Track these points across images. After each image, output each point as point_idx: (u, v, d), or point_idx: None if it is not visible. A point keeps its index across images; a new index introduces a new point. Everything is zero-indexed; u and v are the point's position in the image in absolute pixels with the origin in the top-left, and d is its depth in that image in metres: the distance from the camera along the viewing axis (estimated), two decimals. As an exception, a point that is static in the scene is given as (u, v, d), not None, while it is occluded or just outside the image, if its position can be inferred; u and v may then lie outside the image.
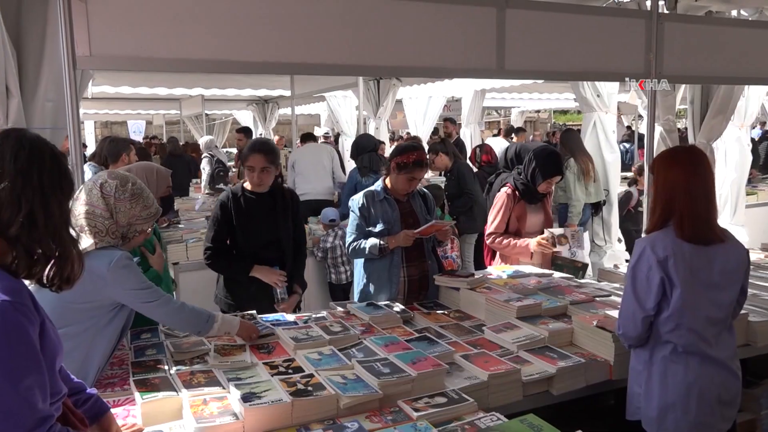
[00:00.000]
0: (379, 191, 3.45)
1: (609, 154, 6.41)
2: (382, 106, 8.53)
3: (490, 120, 23.88)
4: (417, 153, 3.37)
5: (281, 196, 3.37)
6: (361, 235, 3.41)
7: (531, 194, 3.75)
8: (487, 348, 2.49)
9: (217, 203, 3.39)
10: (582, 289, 3.13)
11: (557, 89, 11.77)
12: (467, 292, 3.09)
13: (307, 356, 2.34)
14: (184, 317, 2.29)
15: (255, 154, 3.24)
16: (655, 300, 2.17)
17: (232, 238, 3.32)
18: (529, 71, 3.75)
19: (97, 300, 2.12)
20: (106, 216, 2.21)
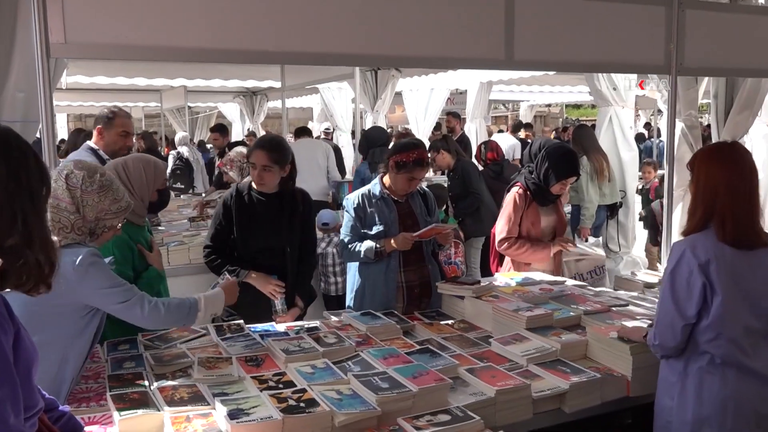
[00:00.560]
0: (376, 190, 3.45)
1: (626, 152, 6.43)
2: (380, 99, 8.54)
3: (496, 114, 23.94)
4: (418, 151, 3.38)
5: (290, 199, 3.36)
6: (355, 237, 3.42)
7: (543, 195, 3.76)
8: (495, 361, 2.50)
9: (220, 200, 3.41)
10: (597, 298, 3.14)
11: (570, 82, 11.80)
12: (473, 301, 3.10)
13: (299, 370, 2.34)
14: (164, 315, 2.28)
15: (257, 151, 3.27)
16: (696, 307, 2.18)
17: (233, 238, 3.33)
18: (539, 62, 3.77)
19: (64, 305, 2.10)
20: (71, 210, 2.19)
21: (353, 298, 3.48)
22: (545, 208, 3.84)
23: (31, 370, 1.42)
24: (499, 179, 6.22)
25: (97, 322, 2.24)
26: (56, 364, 2.12)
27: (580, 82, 10.80)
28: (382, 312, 3.11)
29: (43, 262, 1.34)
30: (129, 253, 2.83)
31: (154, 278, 2.86)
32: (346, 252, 3.46)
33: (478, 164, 6.56)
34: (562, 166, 3.69)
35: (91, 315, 2.20)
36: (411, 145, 3.46)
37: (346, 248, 3.45)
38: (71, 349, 2.17)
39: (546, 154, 3.71)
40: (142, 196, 2.90)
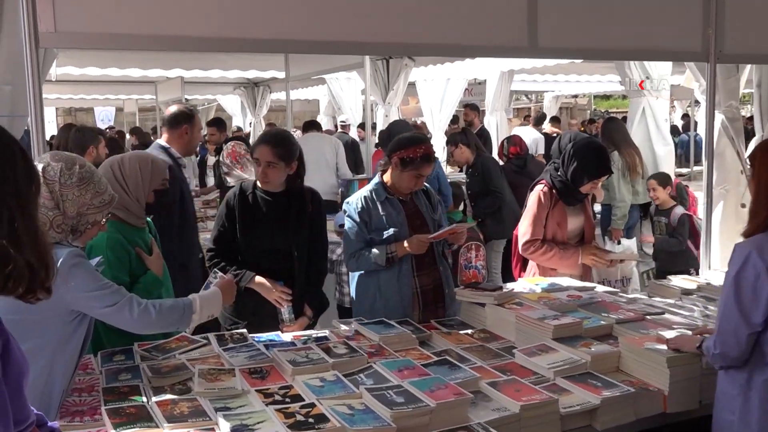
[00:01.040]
0: (379, 191, 3.44)
1: (661, 147, 6.41)
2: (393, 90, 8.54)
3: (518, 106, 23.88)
4: (424, 146, 3.38)
5: (298, 198, 3.36)
6: (361, 244, 3.40)
7: (571, 194, 3.74)
8: (519, 374, 2.49)
9: (224, 199, 3.43)
10: (630, 305, 3.13)
11: (598, 70, 11.76)
12: (494, 309, 3.09)
13: (308, 383, 2.35)
14: (155, 318, 2.28)
15: (261, 146, 3.27)
16: (763, 314, 2.17)
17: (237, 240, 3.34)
18: (566, 49, 3.77)
19: (47, 310, 2.08)
20: (50, 206, 2.19)
21: (362, 311, 3.42)
22: (572, 208, 3.83)
23: (22, 383, 1.43)
24: (521, 173, 6.22)
25: (84, 329, 2.26)
26: (43, 375, 2.13)
27: (610, 70, 10.77)
28: (396, 320, 3.11)
29: (36, 265, 1.34)
30: (125, 256, 2.85)
31: (151, 283, 2.87)
32: (353, 261, 3.43)
33: (500, 160, 6.55)
34: (593, 163, 3.67)
35: (77, 321, 2.22)
36: (416, 139, 3.45)
37: (352, 257, 3.42)
38: (58, 358, 2.18)
39: (574, 151, 3.69)
40: (138, 197, 2.91)
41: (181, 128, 4.16)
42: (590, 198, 4.04)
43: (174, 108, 4.27)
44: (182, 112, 4.22)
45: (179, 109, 4.25)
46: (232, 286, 2.67)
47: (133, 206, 2.91)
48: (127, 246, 2.86)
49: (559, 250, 3.70)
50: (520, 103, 24.69)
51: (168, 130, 4.19)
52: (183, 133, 4.16)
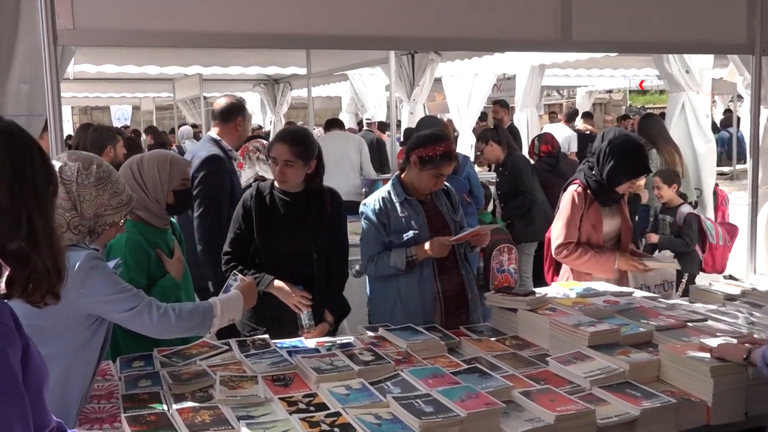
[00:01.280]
0: (398, 191, 3.43)
1: (702, 144, 6.32)
2: (418, 86, 8.56)
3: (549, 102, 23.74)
4: (444, 144, 3.37)
5: (318, 198, 3.37)
6: (380, 247, 3.40)
7: (606, 194, 3.72)
8: (553, 383, 2.48)
9: (240, 200, 3.45)
10: (670, 311, 3.10)
11: (635, 64, 11.65)
12: (527, 315, 3.08)
13: (333, 391, 2.36)
14: (175, 322, 2.31)
15: (278, 144, 3.28)
16: None
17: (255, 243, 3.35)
18: (601, 42, 3.75)
19: (65, 315, 2.12)
20: (67, 207, 2.22)
21: (380, 318, 3.39)
22: (608, 209, 3.80)
23: (42, 388, 1.46)
24: (553, 172, 6.18)
25: (103, 333, 2.29)
26: (61, 381, 2.16)
27: (647, 64, 10.67)
28: (424, 326, 3.12)
29: (50, 268, 1.37)
30: (144, 258, 2.88)
31: (169, 288, 2.90)
32: (371, 265, 3.41)
33: (531, 159, 6.52)
34: (631, 162, 3.64)
35: (96, 325, 2.25)
36: (436, 137, 3.43)
37: (370, 261, 3.41)
38: (76, 364, 2.21)
39: (611, 149, 3.66)
40: (157, 197, 2.95)
41: (234, 121, 4.25)
42: (627, 199, 4.00)
43: (224, 101, 4.34)
44: (234, 105, 4.30)
45: (231, 102, 4.32)
46: (253, 288, 2.69)
47: (153, 206, 2.94)
48: (146, 247, 2.89)
49: (594, 254, 3.67)
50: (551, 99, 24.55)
51: (220, 123, 4.26)
52: (236, 126, 4.26)
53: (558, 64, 10.73)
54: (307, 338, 3.13)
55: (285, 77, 12.02)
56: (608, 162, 3.65)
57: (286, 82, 12.29)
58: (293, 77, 11.66)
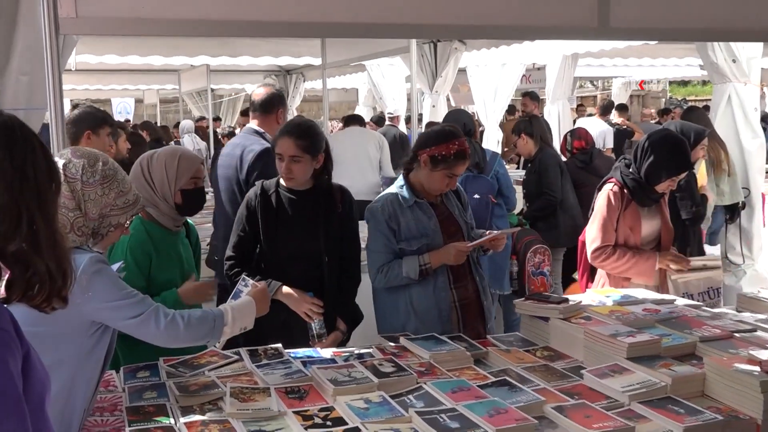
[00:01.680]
0: (406, 194, 3.40)
1: (749, 140, 6.26)
2: (441, 76, 8.57)
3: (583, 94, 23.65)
4: (458, 141, 3.34)
5: (327, 197, 3.37)
6: (390, 256, 3.36)
7: (645, 193, 3.70)
8: (588, 398, 2.47)
9: (243, 201, 3.45)
10: (716, 321, 3.07)
11: (676, 53, 11.56)
12: (559, 324, 3.07)
13: (351, 404, 2.36)
14: (183, 330, 2.32)
15: (283, 138, 3.27)
16: None
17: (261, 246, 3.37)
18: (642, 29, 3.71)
19: (67, 322, 2.14)
20: (71, 206, 2.24)
21: (391, 331, 3.35)
22: (647, 209, 3.78)
23: (44, 398, 1.47)
24: (587, 170, 6.14)
25: (107, 341, 2.31)
26: (63, 392, 2.18)
27: (689, 53, 10.58)
28: (448, 336, 3.11)
29: (54, 271, 1.38)
30: (145, 260, 2.90)
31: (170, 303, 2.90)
32: (380, 276, 3.37)
33: (563, 156, 6.49)
34: (671, 158, 3.63)
35: (99, 333, 2.27)
36: (449, 133, 3.38)
37: (379, 272, 3.37)
38: (79, 374, 2.23)
39: (650, 144, 3.65)
40: (165, 196, 2.97)
41: (276, 112, 4.32)
42: (667, 199, 3.98)
43: (262, 91, 4.39)
44: (275, 96, 4.37)
45: (271, 93, 4.38)
46: (266, 294, 2.71)
47: (162, 206, 2.97)
48: (149, 249, 2.91)
49: (633, 255, 3.65)
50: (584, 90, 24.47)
51: (260, 115, 4.31)
52: (277, 118, 4.31)
53: (592, 53, 10.67)
54: (321, 348, 3.14)
55: (298, 68, 12.08)
56: (647, 158, 3.63)
57: (299, 73, 12.35)
58: (307, 68, 11.71)
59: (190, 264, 3.22)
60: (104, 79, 13.55)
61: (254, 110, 4.38)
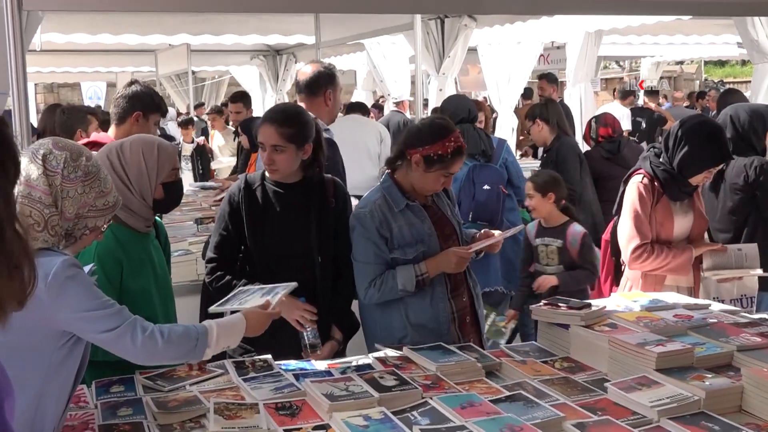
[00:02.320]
0: (396, 196, 3.38)
1: (793, 127, 6.27)
2: (448, 57, 8.54)
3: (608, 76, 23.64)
4: (454, 136, 3.32)
5: (319, 191, 3.38)
6: (382, 267, 3.34)
7: (677, 186, 3.71)
8: (614, 414, 2.48)
9: (225, 196, 3.45)
10: (755, 328, 3.08)
11: (712, 29, 11.55)
12: (581, 332, 3.08)
13: (348, 422, 2.37)
14: (161, 347, 2.31)
15: (265, 126, 3.28)
16: None
17: (245, 246, 3.38)
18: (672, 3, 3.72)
19: (36, 332, 2.14)
20: (47, 202, 2.23)
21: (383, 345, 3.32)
22: (679, 204, 3.80)
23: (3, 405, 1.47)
24: (613, 161, 6.12)
25: (79, 355, 2.31)
26: (31, 409, 2.18)
27: (726, 29, 10.57)
28: (457, 345, 3.13)
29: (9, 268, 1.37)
30: (116, 271, 2.90)
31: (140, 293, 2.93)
32: (373, 291, 3.34)
33: (586, 145, 6.50)
34: (709, 148, 3.64)
35: (71, 344, 2.26)
36: (444, 129, 3.35)
37: (371, 286, 3.34)
38: (49, 389, 2.23)
39: (684, 132, 3.66)
40: (142, 192, 2.97)
41: (323, 93, 4.19)
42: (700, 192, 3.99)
43: (309, 69, 4.29)
44: (322, 74, 4.22)
45: (318, 71, 4.25)
46: (263, 317, 2.64)
47: (136, 205, 2.96)
48: (120, 256, 2.91)
49: (670, 250, 3.68)
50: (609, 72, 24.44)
51: (306, 98, 4.20)
52: (325, 100, 4.20)
53: (618, 30, 10.66)
54: (315, 360, 3.16)
55: (289, 47, 12.07)
56: (681, 148, 3.64)
57: (291, 54, 12.33)
58: (299, 47, 11.70)
59: (163, 267, 3.21)
60: (73, 61, 13.53)
61: (299, 92, 4.29)
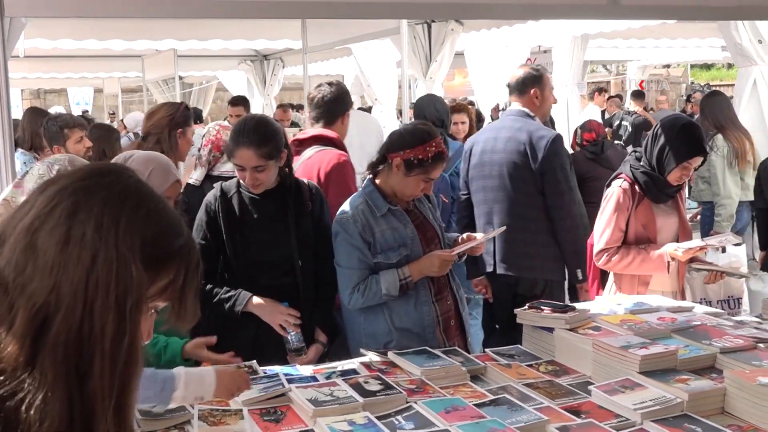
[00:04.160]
0: (377, 200, 3.37)
1: (777, 129, 6.31)
2: (435, 61, 8.57)
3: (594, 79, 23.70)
4: (435, 141, 3.32)
5: (296, 194, 3.39)
6: (366, 272, 3.33)
7: (658, 187, 3.74)
8: (597, 417, 2.48)
9: (202, 206, 3.44)
10: (738, 330, 3.10)
11: (697, 33, 11.63)
12: (565, 335, 3.09)
13: (333, 426, 2.37)
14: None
15: (242, 150, 3.22)
16: None
17: (224, 255, 3.38)
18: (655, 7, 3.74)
19: None
20: None
21: None
22: (662, 206, 3.82)
23: None
24: (597, 161, 6.14)
25: None
26: None
27: (712, 33, 10.63)
28: (442, 349, 3.13)
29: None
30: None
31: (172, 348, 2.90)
32: (356, 296, 3.33)
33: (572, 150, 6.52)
34: (681, 141, 3.66)
35: None
36: (425, 133, 3.35)
37: (355, 290, 3.33)
38: None
39: (660, 128, 3.72)
40: None
41: (529, 92, 4.48)
42: (684, 195, 4.01)
43: (520, 72, 4.64)
44: (528, 75, 4.57)
45: (526, 72, 4.61)
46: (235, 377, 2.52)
47: None
48: None
49: (638, 251, 3.69)
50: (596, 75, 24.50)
51: (519, 97, 4.55)
52: (533, 98, 4.49)
53: (605, 34, 10.72)
54: (300, 364, 3.16)
55: (276, 52, 12.08)
56: (656, 144, 3.67)
57: (278, 59, 12.34)
58: (286, 52, 11.71)
59: None
60: (59, 66, 13.52)
61: (510, 93, 4.64)
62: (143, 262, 1.15)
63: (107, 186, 1.18)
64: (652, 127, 3.86)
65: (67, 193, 1.15)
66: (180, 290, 1.23)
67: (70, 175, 1.21)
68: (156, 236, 1.18)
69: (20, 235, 1.12)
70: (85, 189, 1.16)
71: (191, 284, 1.25)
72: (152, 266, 1.17)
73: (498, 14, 5.55)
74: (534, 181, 4.28)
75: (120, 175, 1.21)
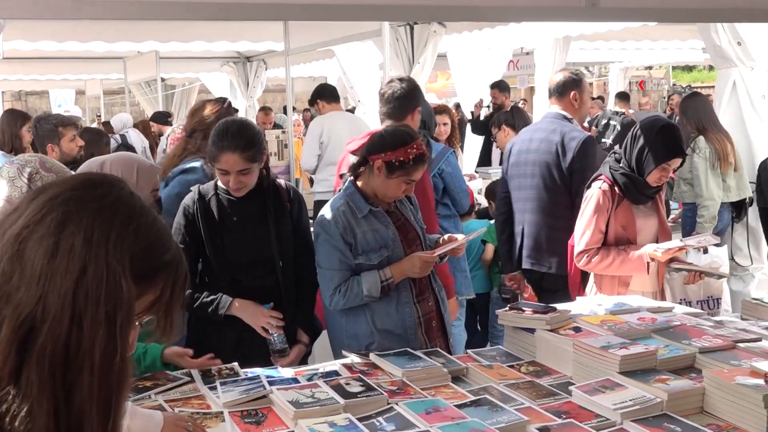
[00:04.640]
0: (359, 202, 3.38)
1: (756, 130, 6.34)
2: (418, 63, 8.57)
3: (577, 81, 23.75)
4: (416, 144, 3.35)
5: (275, 195, 3.41)
6: (347, 273, 3.34)
7: (637, 189, 3.76)
8: (577, 417, 2.50)
9: (180, 209, 3.44)
10: (718, 330, 3.12)
11: (678, 35, 11.70)
12: (546, 336, 3.10)
13: (314, 428, 2.37)
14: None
15: (227, 154, 3.22)
16: None
17: (204, 258, 3.38)
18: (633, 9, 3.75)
19: None
20: None
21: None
22: (641, 208, 3.84)
23: None
24: None
25: None
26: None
27: (693, 34, 10.69)
28: (423, 351, 3.14)
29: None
30: None
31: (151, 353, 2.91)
32: (338, 297, 3.34)
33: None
34: (660, 143, 3.69)
35: None
36: (406, 136, 3.38)
37: (336, 292, 3.34)
38: None
39: (638, 129, 3.75)
40: None
41: (569, 95, 4.65)
42: (663, 197, 4.04)
43: (560, 76, 4.83)
44: (567, 79, 4.74)
45: (566, 76, 4.80)
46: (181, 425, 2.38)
47: None
48: None
49: (618, 252, 3.72)
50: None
51: (558, 99, 4.75)
52: (572, 101, 4.64)
53: (586, 36, 10.75)
54: (283, 365, 3.16)
55: (259, 54, 12.05)
56: (636, 145, 3.70)
57: (261, 61, 12.31)
58: (269, 54, 11.69)
59: None
60: (40, 68, 13.41)
61: (550, 96, 4.83)
62: (132, 276, 1.14)
63: (98, 198, 1.18)
64: (633, 128, 3.88)
65: (57, 203, 1.15)
66: (166, 305, 1.23)
67: (61, 183, 1.21)
68: (145, 251, 1.18)
69: (8, 244, 1.12)
70: (75, 199, 1.16)
71: (178, 299, 1.24)
72: (141, 281, 1.17)
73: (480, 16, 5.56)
74: (564, 180, 4.42)
75: (111, 187, 1.21)
